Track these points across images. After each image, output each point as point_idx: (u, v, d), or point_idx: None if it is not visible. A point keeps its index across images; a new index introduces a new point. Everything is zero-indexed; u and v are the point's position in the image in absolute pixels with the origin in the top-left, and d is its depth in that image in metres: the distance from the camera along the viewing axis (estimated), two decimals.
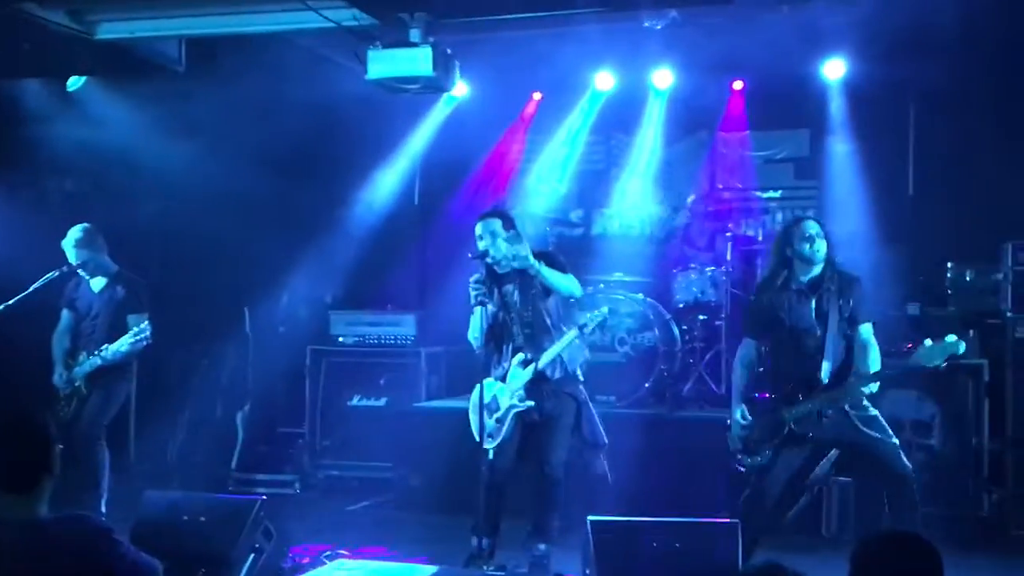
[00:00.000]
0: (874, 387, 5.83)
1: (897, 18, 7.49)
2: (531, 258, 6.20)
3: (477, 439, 6.31)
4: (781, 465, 5.94)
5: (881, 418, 5.90)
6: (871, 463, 5.97)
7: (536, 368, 6.22)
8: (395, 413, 8.83)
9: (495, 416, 6.25)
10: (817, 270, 5.99)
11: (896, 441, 5.89)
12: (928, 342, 5.73)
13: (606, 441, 6.50)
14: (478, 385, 6.36)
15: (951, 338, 5.67)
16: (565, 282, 6.34)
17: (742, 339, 6.28)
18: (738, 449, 6.04)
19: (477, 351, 6.37)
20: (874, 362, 5.91)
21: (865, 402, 5.87)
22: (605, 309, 6.54)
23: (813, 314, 5.95)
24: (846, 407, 5.83)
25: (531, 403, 6.21)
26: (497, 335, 6.32)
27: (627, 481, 7.29)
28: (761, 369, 6.24)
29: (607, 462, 6.64)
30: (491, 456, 6.25)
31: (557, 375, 6.30)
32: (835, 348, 5.91)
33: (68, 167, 9.08)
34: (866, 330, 5.98)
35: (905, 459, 5.88)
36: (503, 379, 6.30)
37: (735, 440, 6.05)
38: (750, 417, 6.00)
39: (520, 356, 6.25)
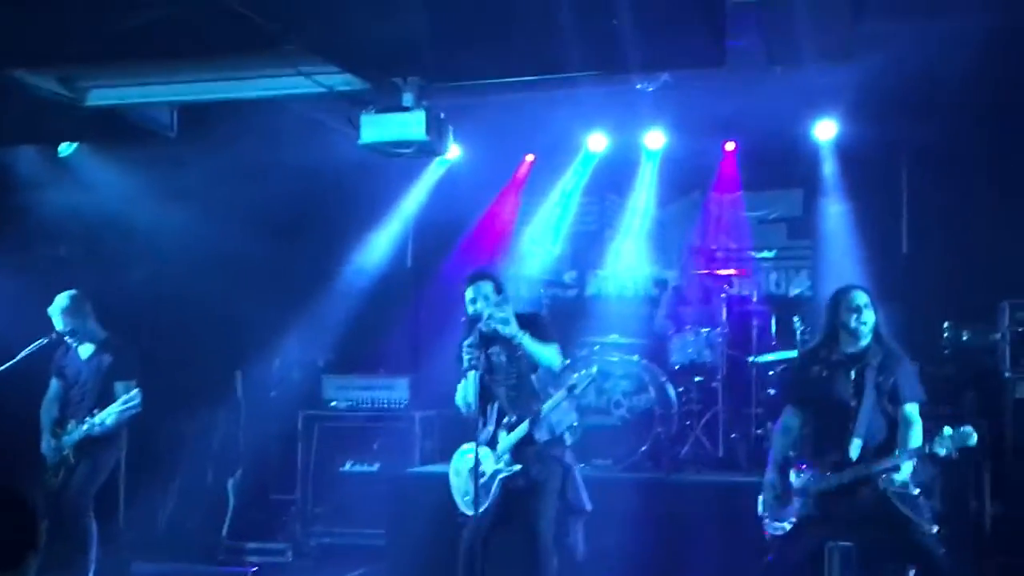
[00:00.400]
0: (906, 467, 5.65)
1: (889, 78, 7.53)
2: (515, 328, 6.14)
3: (461, 506, 6.21)
4: (804, 538, 5.82)
5: (923, 503, 5.82)
6: (903, 545, 5.76)
7: (524, 430, 6.12)
8: (389, 478, 8.70)
9: (479, 482, 6.14)
10: (864, 343, 5.83)
11: (932, 529, 5.73)
12: (947, 429, 5.56)
13: (589, 507, 6.36)
14: (461, 450, 6.26)
15: (967, 429, 5.54)
16: (546, 353, 6.26)
17: (784, 405, 6.17)
18: (765, 515, 5.95)
19: (467, 415, 6.29)
20: (916, 440, 5.70)
21: (907, 480, 5.70)
22: (594, 369, 6.53)
23: (851, 387, 5.79)
24: (882, 486, 5.66)
25: (518, 467, 6.10)
26: (482, 397, 6.23)
27: (622, 547, 7.19)
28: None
29: (582, 534, 6.46)
30: (472, 520, 6.14)
31: (544, 438, 6.21)
32: (869, 425, 5.73)
33: (59, 232, 9.06)
34: (911, 409, 5.79)
35: (940, 549, 5.66)
36: (489, 443, 6.19)
37: (763, 504, 5.96)
38: (780, 485, 5.89)
39: (506, 419, 6.16)
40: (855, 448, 5.70)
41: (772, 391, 8.41)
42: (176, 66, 6.28)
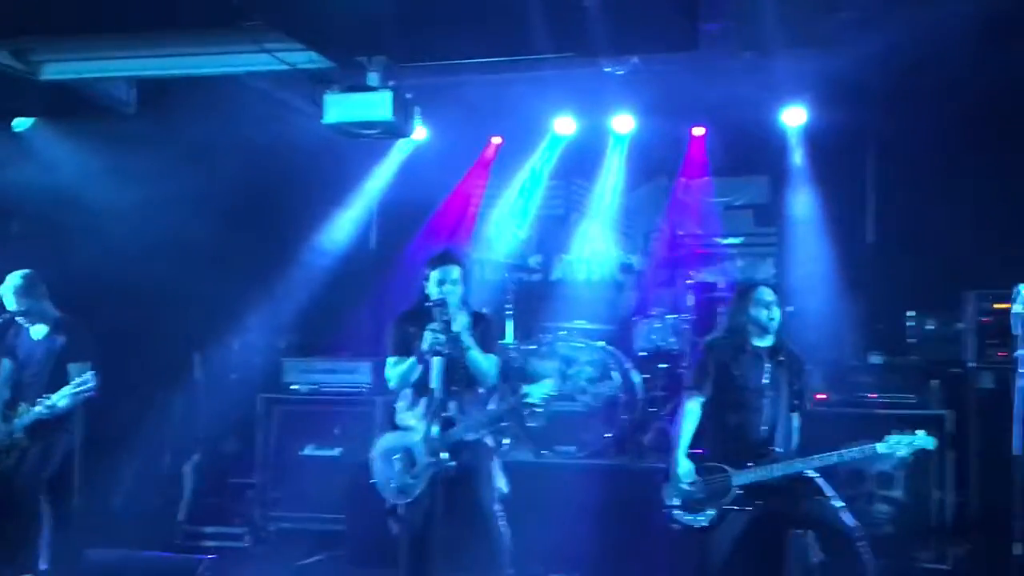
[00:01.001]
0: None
1: (857, 67, 7.49)
2: (468, 339, 6.06)
3: (387, 495, 6.11)
4: (724, 528, 5.86)
5: (820, 479, 5.87)
6: (817, 525, 5.95)
7: (463, 433, 6.03)
8: (350, 463, 8.58)
9: (410, 472, 6.04)
10: (770, 340, 6.05)
11: (839, 503, 5.84)
12: (908, 435, 5.75)
13: (506, 491, 6.27)
14: (384, 437, 6.17)
15: (920, 434, 5.73)
16: (485, 365, 6.14)
17: (688, 393, 6.18)
18: (675, 505, 5.95)
19: (397, 394, 6.21)
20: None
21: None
22: (550, 384, 6.25)
23: (766, 377, 5.97)
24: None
25: (453, 463, 5.97)
26: (418, 385, 6.13)
27: (587, 534, 7.15)
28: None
29: (505, 519, 6.37)
30: (402, 512, 6.04)
31: (478, 437, 6.14)
32: (785, 419, 5.96)
33: (14, 209, 8.85)
34: (797, 418, 6.06)
35: (849, 517, 5.81)
36: (422, 434, 6.07)
37: (673, 496, 5.96)
38: (693, 476, 5.92)
39: (444, 415, 6.01)
40: (778, 441, 5.88)
41: None
42: (135, 40, 6.12)
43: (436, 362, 5.95)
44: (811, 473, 5.88)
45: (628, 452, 8.14)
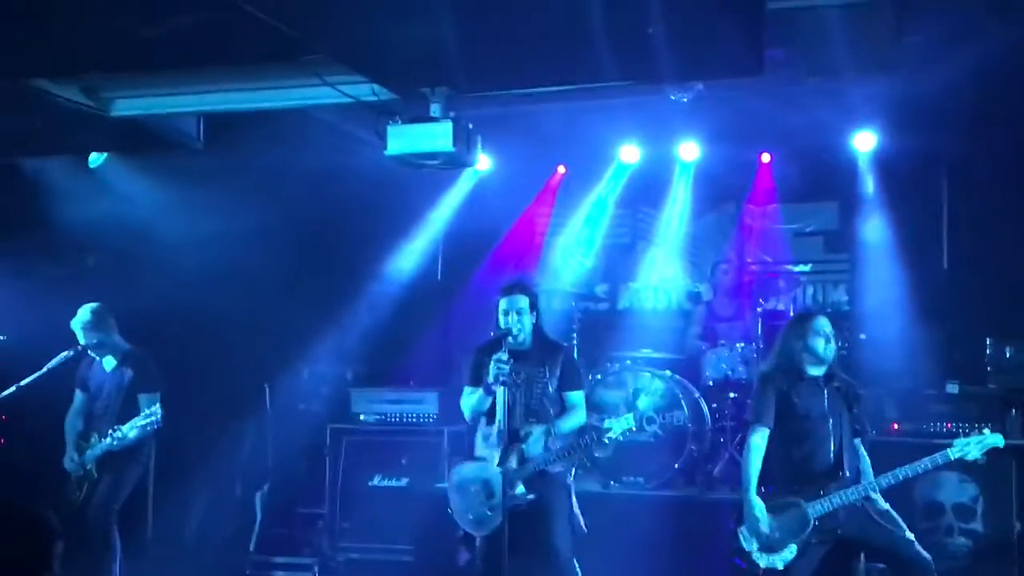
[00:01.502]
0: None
1: (929, 89, 7.36)
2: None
3: (463, 525, 6.07)
4: (803, 565, 5.76)
5: (893, 511, 5.79)
6: (891, 556, 5.84)
7: (541, 464, 5.99)
8: (417, 493, 8.57)
9: (488, 504, 5.99)
10: (823, 368, 6.00)
11: (911, 536, 5.75)
12: (976, 436, 5.73)
13: (585, 531, 6.20)
14: (462, 467, 6.14)
15: (987, 432, 5.78)
16: (575, 421, 6.17)
17: (752, 428, 6.06)
18: (754, 549, 5.81)
19: (470, 424, 6.22)
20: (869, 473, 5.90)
21: (878, 496, 5.79)
22: (631, 418, 6.19)
23: (826, 404, 5.90)
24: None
25: (531, 496, 5.95)
26: (491, 415, 6.09)
27: (656, 566, 7.05)
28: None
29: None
30: (479, 544, 5.99)
31: (557, 469, 6.08)
32: (849, 445, 5.88)
33: (89, 243, 9.04)
34: (859, 443, 6.01)
35: (922, 550, 5.72)
36: (499, 464, 6.01)
37: (750, 538, 5.82)
38: (766, 515, 5.81)
39: (520, 447, 5.98)
40: (847, 466, 5.79)
41: None
42: (200, 76, 6.21)
43: (501, 392, 5.93)
44: (884, 504, 5.77)
45: (696, 483, 8.02)
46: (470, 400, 6.19)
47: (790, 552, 5.75)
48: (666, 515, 7.56)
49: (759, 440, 5.96)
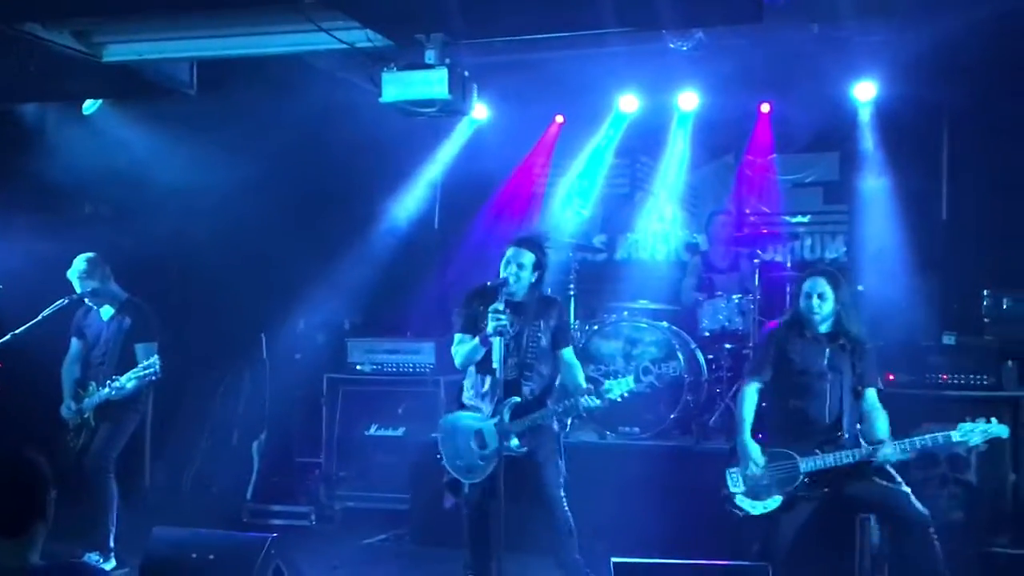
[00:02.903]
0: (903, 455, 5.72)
1: (930, 39, 7.30)
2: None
3: (451, 471, 6.09)
4: (790, 516, 5.80)
5: (888, 466, 5.77)
6: (886, 513, 5.86)
7: (541, 419, 5.98)
8: (414, 443, 8.60)
9: (479, 453, 6.01)
10: (825, 327, 5.99)
11: (907, 489, 5.77)
12: (981, 423, 5.69)
13: (566, 475, 6.20)
14: (454, 416, 6.14)
15: (994, 422, 5.65)
16: (582, 377, 6.16)
17: (746, 379, 6.16)
18: (738, 492, 5.87)
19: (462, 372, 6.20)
20: (884, 428, 5.85)
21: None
22: (630, 380, 6.19)
23: (826, 361, 5.90)
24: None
25: (525, 449, 5.94)
26: (483, 365, 6.09)
27: (650, 516, 7.08)
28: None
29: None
30: (467, 491, 6.02)
31: (550, 423, 6.09)
32: (850, 404, 5.88)
33: (85, 191, 8.98)
34: (872, 395, 5.96)
35: (919, 504, 5.74)
36: (492, 415, 6.02)
37: (739, 481, 5.88)
38: (761, 461, 5.85)
39: (515, 399, 5.96)
40: (847, 427, 5.80)
41: None
42: (193, 21, 6.13)
43: (497, 343, 5.91)
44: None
45: (692, 433, 8.05)
46: (463, 349, 6.16)
47: (773, 502, 5.81)
48: (662, 465, 7.58)
49: (751, 391, 6.05)
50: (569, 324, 6.38)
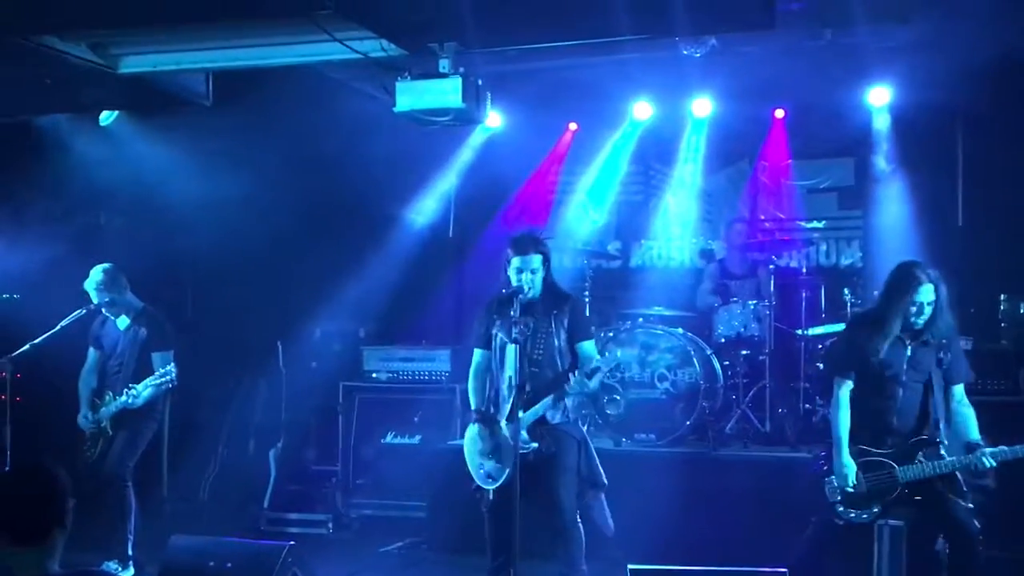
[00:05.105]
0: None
1: (945, 44, 7.27)
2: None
3: (477, 480, 6.11)
4: (909, 530, 5.71)
5: (960, 479, 5.65)
6: (948, 522, 5.69)
7: (540, 411, 5.97)
8: (430, 450, 8.62)
9: (496, 456, 6.02)
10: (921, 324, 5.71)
11: (971, 506, 5.64)
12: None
13: (605, 482, 6.20)
14: (474, 424, 6.13)
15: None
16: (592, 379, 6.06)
17: (835, 379, 5.86)
18: (837, 501, 5.73)
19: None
20: (975, 427, 5.67)
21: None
22: (618, 352, 6.23)
23: (905, 363, 5.69)
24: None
25: (535, 445, 5.94)
26: (498, 372, 6.10)
27: (666, 523, 7.07)
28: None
29: (609, 511, 6.29)
30: (491, 497, 6.03)
31: (557, 419, 6.05)
32: (943, 407, 5.67)
33: (101, 201, 9.05)
34: (960, 391, 5.74)
35: (975, 521, 5.61)
36: (507, 418, 6.02)
37: (836, 491, 5.73)
38: (858, 470, 5.70)
39: (524, 396, 5.94)
40: (943, 432, 5.63)
41: (821, 365, 8.21)
42: (208, 32, 6.17)
43: (511, 350, 5.92)
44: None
45: (708, 440, 8.03)
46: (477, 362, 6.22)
47: (869, 514, 5.69)
48: (678, 472, 7.56)
49: (843, 391, 5.78)
50: (585, 317, 6.32)
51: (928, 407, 5.72)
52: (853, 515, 5.73)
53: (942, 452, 5.64)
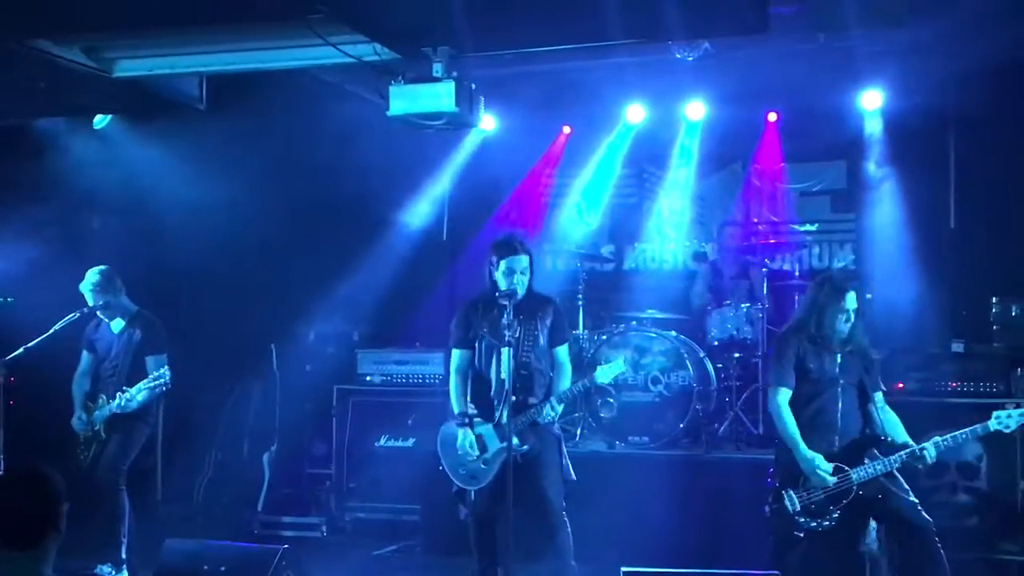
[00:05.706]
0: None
1: (937, 48, 7.30)
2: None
3: (456, 481, 6.10)
4: (846, 531, 5.72)
5: (898, 474, 5.73)
6: (896, 519, 5.75)
7: (533, 416, 5.98)
8: (423, 454, 8.61)
9: (482, 458, 6.02)
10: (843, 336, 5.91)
11: (915, 499, 5.70)
12: (1008, 410, 5.71)
13: (574, 477, 6.18)
14: (458, 427, 6.12)
15: None
16: (569, 378, 6.17)
17: (770, 389, 5.98)
18: (797, 511, 5.74)
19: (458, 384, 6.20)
20: (902, 429, 5.83)
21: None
22: (620, 363, 6.25)
23: (838, 368, 5.85)
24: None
25: (525, 448, 5.94)
26: (482, 373, 6.10)
27: (659, 525, 7.09)
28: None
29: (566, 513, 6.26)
30: (472, 498, 6.03)
31: (546, 421, 6.06)
32: (880, 408, 5.85)
33: (95, 205, 9.04)
34: (880, 397, 5.93)
35: (924, 512, 5.68)
36: (491, 420, 6.03)
37: (794, 501, 5.74)
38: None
39: (513, 399, 5.94)
40: (891, 432, 5.75)
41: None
42: (202, 36, 6.18)
43: (505, 352, 5.93)
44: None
45: (702, 443, 8.05)
46: (458, 363, 6.22)
47: (830, 520, 5.70)
48: (671, 474, 7.58)
49: (782, 399, 5.86)
50: (564, 322, 6.32)
51: (867, 409, 5.85)
52: (814, 524, 5.72)
53: (885, 450, 5.73)
